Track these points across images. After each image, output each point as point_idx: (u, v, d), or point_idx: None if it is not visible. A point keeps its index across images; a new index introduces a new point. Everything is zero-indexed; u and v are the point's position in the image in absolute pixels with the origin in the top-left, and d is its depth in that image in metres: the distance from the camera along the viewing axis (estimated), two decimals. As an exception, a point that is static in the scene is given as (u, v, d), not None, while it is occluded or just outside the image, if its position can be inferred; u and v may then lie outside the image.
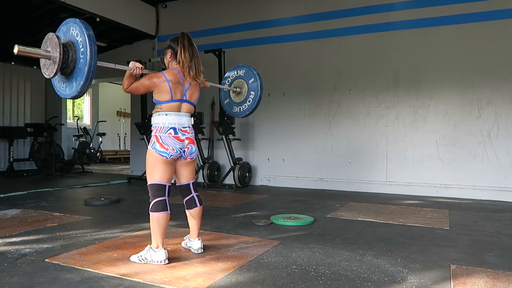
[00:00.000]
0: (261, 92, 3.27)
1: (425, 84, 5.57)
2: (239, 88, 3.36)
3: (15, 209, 4.12)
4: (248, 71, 3.33)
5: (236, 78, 3.39)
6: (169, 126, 2.46)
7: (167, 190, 2.46)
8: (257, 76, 3.27)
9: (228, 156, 6.28)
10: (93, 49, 2.05)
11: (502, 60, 5.15)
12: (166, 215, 2.42)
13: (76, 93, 2.14)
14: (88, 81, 2.08)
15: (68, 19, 2.21)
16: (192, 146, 2.57)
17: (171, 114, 2.48)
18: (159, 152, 2.43)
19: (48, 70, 2.17)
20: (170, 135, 2.46)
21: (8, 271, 2.23)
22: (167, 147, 2.44)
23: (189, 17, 7.28)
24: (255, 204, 4.75)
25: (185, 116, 2.54)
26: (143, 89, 2.49)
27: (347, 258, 2.53)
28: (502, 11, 5.15)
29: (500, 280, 2.17)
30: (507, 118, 5.14)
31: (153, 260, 2.38)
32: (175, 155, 2.48)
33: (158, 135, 2.46)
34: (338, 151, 6.11)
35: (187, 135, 2.53)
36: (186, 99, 2.54)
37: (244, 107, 3.34)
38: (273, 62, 6.57)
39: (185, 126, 2.53)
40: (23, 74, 8.72)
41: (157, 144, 2.44)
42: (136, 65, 2.43)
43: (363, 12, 5.93)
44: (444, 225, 3.57)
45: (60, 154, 8.35)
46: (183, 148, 2.50)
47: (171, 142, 2.45)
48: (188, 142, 2.53)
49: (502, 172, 5.14)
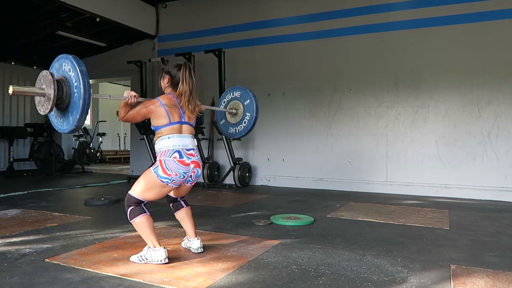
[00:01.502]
0: (257, 114, 3.32)
1: (425, 84, 5.57)
2: (234, 110, 3.40)
3: (15, 209, 4.12)
4: (243, 93, 3.38)
5: (232, 99, 3.43)
6: (174, 149, 2.39)
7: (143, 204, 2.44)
8: (252, 97, 3.32)
9: (228, 156, 6.28)
10: (86, 83, 2.08)
11: (502, 60, 5.15)
12: (147, 217, 2.39)
13: (74, 127, 2.18)
14: (84, 114, 2.12)
15: (60, 55, 2.23)
16: (198, 170, 2.52)
17: (173, 137, 2.42)
18: (160, 178, 2.38)
19: (43, 107, 2.20)
20: (175, 159, 2.38)
21: (8, 271, 2.23)
22: (170, 173, 2.37)
23: (189, 17, 7.28)
24: (255, 204, 4.75)
25: (188, 138, 2.48)
26: (139, 117, 2.46)
27: (347, 258, 2.53)
28: (502, 11, 5.15)
29: (500, 280, 2.17)
30: (507, 118, 5.14)
31: (153, 259, 2.36)
32: (178, 180, 2.41)
33: (163, 159, 2.39)
34: (338, 151, 6.11)
35: (192, 158, 2.46)
36: (185, 121, 2.49)
37: (239, 128, 3.40)
38: (273, 62, 6.57)
39: (190, 148, 2.46)
40: (23, 74, 8.71)
41: (160, 169, 2.38)
42: (131, 94, 2.43)
43: (363, 12, 5.93)
44: (444, 225, 3.57)
45: (60, 154, 8.35)
46: (188, 172, 2.44)
47: (175, 167, 2.38)
48: (194, 166, 2.47)
49: (502, 172, 5.14)
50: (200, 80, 7.07)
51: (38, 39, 7.22)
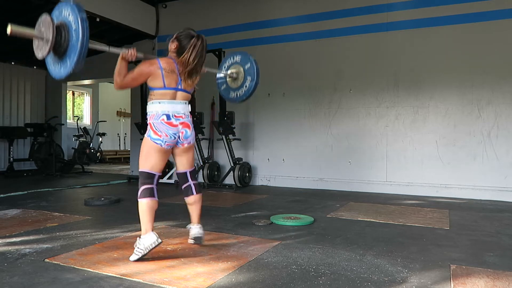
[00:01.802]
0: (258, 78, 3.27)
1: (425, 84, 5.57)
2: (235, 74, 3.37)
3: (15, 209, 4.12)
4: (243, 57, 3.36)
5: (233, 64, 3.42)
6: (162, 113, 2.46)
7: (156, 179, 2.50)
8: (253, 61, 3.29)
9: (228, 156, 6.28)
10: (84, 26, 2.07)
11: (502, 60, 5.15)
12: (153, 201, 2.47)
13: (71, 70, 2.14)
14: (82, 57, 2.09)
15: (60, 3, 2.23)
16: (187, 130, 2.54)
17: (164, 102, 2.47)
18: (153, 140, 2.45)
19: (41, 51, 2.18)
20: (162, 121, 2.45)
21: (8, 271, 2.23)
22: (160, 133, 2.44)
23: (189, 17, 7.27)
24: (255, 204, 4.75)
25: (180, 104, 2.52)
26: (140, 78, 2.44)
27: (347, 258, 2.53)
28: (502, 11, 5.15)
29: (500, 280, 2.17)
30: (507, 118, 5.14)
31: (146, 245, 2.39)
32: (169, 141, 2.48)
33: (152, 122, 2.47)
34: (338, 151, 6.11)
35: (181, 120, 2.51)
36: (181, 88, 2.52)
37: (241, 92, 3.36)
38: (273, 62, 6.57)
39: (180, 113, 2.51)
40: (23, 74, 8.72)
41: (151, 131, 2.46)
42: (129, 49, 2.41)
43: (363, 12, 5.93)
44: (444, 225, 3.57)
45: (60, 154, 8.35)
46: (177, 133, 2.50)
47: (164, 128, 2.45)
48: (182, 126, 2.51)
49: (502, 172, 5.14)
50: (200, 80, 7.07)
51: (38, 39, 7.21)
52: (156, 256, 2.52)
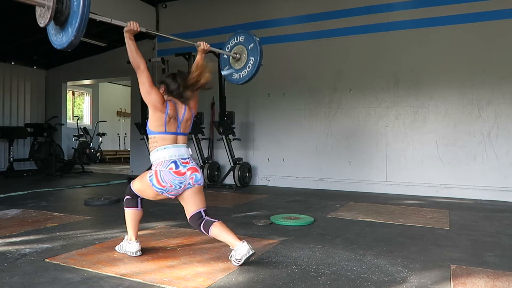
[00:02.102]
0: (261, 58, 3.20)
1: (425, 84, 5.57)
2: (238, 54, 3.30)
3: (15, 209, 4.12)
4: (248, 37, 3.28)
5: (236, 44, 3.34)
6: (170, 160, 2.40)
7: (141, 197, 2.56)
8: (256, 41, 3.21)
9: (228, 156, 6.28)
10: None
11: (502, 60, 5.15)
12: (137, 211, 2.55)
13: (73, 37, 2.14)
14: (83, 23, 2.11)
15: None
16: (197, 174, 2.47)
17: (169, 147, 2.42)
18: (155, 188, 2.42)
19: (43, 19, 2.19)
20: (171, 170, 2.39)
21: (8, 271, 2.23)
22: (164, 184, 2.39)
23: (189, 17, 7.28)
24: (255, 204, 4.75)
25: (183, 147, 2.49)
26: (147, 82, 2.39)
27: (347, 258, 2.53)
28: (501, 11, 5.15)
29: (500, 280, 2.17)
30: (507, 118, 5.14)
31: (127, 250, 2.53)
32: (174, 191, 2.43)
33: (158, 169, 2.40)
34: (338, 151, 6.11)
35: (188, 166, 2.45)
36: (180, 132, 2.50)
37: (244, 73, 3.29)
38: (273, 62, 6.55)
39: (185, 158, 2.46)
40: (23, 74, 8.72)
41: (155, 179, 2.40)
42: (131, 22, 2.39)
43: (363, 12, 5.93)
44: (444, 225, 3.57)
45: (60, 154, 8.35)
46: (184, 182, 2.42)
47: (170, 178, 2.39)
48: (190, 172, 2.44)
49: (502, 172, 5.14)
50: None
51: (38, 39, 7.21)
52: (156, 256, 2.53)
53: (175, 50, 6.98)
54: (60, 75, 9.05)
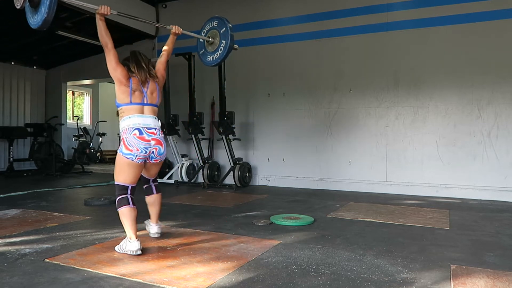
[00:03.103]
0: (231, 42, 3.45)
1: (425, 84, 5.57)
2: (212, 38, 3.55)
3: (15, 209, 4.12)
4: (220, 22, 3.53)
5: (210, 29, 3.60)
6: (134, 127, 2.59)
7: (129, 189, 2.64)
8: (228, 26, 3.45)
9: (228, 156, 6.28)
10: None
11: (502, 60, 5.15)
12: (130, 209, 2.59)
13: (46, 15, 2.38)
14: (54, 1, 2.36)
15: None
16: (160, 147, 2.67)
17: (134, 116, 2.61)
18: (125, 155, 2.57)
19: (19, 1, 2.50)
20: (135, 136, 2.57)
21: (8, 271, 2.23)
22: (131, 148, 2.55)
23: (189, 17, 7.26)
24: (255, 204, 4.75)
25: (150, 118, 2.67)
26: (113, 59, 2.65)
27: (347, 258, 2.53)
28: (501, 11, 5.14)
29: (500, 280, 2.17)
30: (507, 118, 5.14)
31: (127, 249, 2.54)
32: (141, 155, 2.59)
33: (124, 136, 2.59)
34: (338, 151, 6.11)
35: (153, 136, 2.63)
36: (147, 102, 2.69)
37: (216, 55, 3.55)
38: (273, 62, 6.57)
39: (151, 127, 2.64)
40: (23, 74, 8.72)
41: (123, 146, 2.57)
42: (103, 6, 2.62)
43: (363, 12, 5.92)
44: (444, 225, 3.57)
45: (60, 154, 8.34)
46: (149, 148, 2.60)
47: (135, 142, 2.56)
48: (154, 143, 2.63)
49: (502, 172, 5.14)
50: (200, 80, 7.08)
51: (38, 39, 7.22)
52: (156, 256, 2.53)
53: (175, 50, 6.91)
54: (60, 75, 9.05)
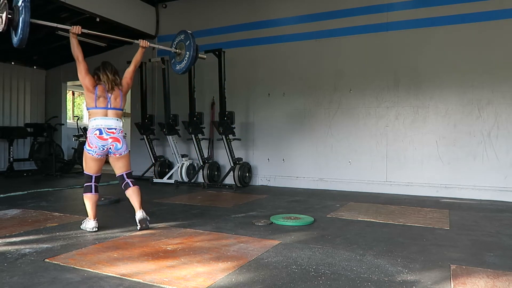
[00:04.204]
0: (194, 52, 3.84)
1: (425, 84, 5.57)
2: (179, 50, 3.99)
3: (15, 209, 4.12)
4: (186, 35, 3.94)
5: (179, 41, 4.04)
6: (96, 128, 3.10)
7: (93, 178, 3.21)
8: (191, 38, 3.85)
9: (228, 156, 6.28)
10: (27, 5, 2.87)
11: (502, 60, 5.15)
12: (91, 195, 3.20)
13: (21, 35, 2.86)
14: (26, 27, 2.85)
15: None
16: (117, 143, 3.16)
17: (97, 119, 3.13)
18: (88, 151, 3.14)
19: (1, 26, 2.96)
20: (95, 135, 3.10)
21: (8, 271, 2.23)
22: (92, 146, 3.11)
23: (189, 17, 7.27)
24: (255, 204, 4.75)
25: (112, 120, 3.16)
26: (83, 70, 3.12)
27: (347, 258, 2.53)
28: (501, 11, 5.14)
29: (500, 280, 2.17)
30: (507, 118, 5.14)
31: (87, 227, 3.17)
32: (99, 152, 3.13)
33: (88, 136, 3.13)
34: (338, 151, 6.11)
35: (111, 135, 3.13)
36: (110, 107, 3.18)
37: (182, 65, 3.98)
38: (273, 62, 6.57)
39: (111, 128, 3.14)
40: (23, 74, 8.72)
41: (87, 144, 3.14)
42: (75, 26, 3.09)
43: (363, 12, 5.92)
44: (444, 225, 3.57)
45: (60, 154, 8.34)
46: (106, 145, 3.11)
47: (95, 141, 3.10)
48: (112, 140, 3.13)
49: (502, 172, 5.14)
50: (200, 80, 7.08)
51: (38, 39, 7.21)
52: (156, 256, 2.53)
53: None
54: (60, 75, 9.06)
